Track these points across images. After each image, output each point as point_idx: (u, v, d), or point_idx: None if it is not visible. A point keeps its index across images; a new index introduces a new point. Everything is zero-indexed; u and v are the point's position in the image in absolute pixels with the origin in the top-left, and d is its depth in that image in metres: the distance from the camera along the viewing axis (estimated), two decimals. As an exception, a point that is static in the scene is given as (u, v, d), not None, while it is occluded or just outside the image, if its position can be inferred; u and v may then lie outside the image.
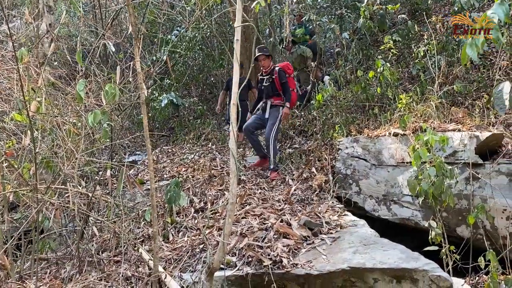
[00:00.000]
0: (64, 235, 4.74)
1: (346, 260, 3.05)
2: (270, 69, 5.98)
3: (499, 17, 1.21)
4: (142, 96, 3.30)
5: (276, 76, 5.90)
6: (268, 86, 5.95)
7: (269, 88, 5.94)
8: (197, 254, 3.51)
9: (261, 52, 5.90)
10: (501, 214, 3.90)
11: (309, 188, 5.17)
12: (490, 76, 5.64)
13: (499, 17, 1.21)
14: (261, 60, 5.92)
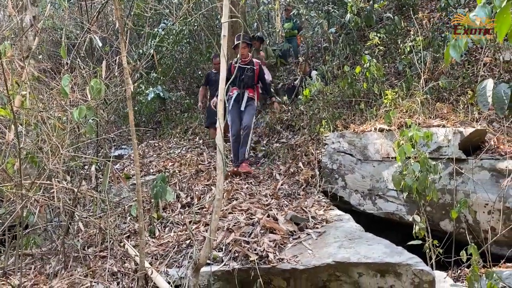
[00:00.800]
0: (49, 230, 4.70)
1: (332, 255, 3.08)
2: (249, 59, 5.91)
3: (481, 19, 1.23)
4: (128, 91, 3.27)
5: (257, 68, 5.87)
6: (250, 76, 5.82)
7: (249, 78, 5.83)
8: (184, 250, 3.52)
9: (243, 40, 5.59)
10: (483, 208, 3.98)
11: (296, 182, 5.21)
12: (475, 72, 5.71)
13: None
14: (241, 48, 5.57)
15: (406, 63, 6.16)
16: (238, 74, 5.68)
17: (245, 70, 5.80)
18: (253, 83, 5.88)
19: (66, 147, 3.84)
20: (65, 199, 4.21)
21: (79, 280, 3.50)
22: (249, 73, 5.81)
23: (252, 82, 5.86)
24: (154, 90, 8.24)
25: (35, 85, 4.79)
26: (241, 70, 5.75)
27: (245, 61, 5.83)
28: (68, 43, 7.87)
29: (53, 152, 3.98)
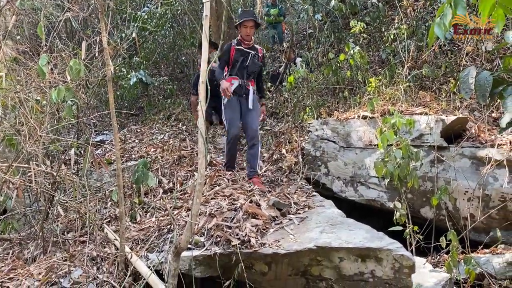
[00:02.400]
0: (28, 215, 4.62)
1: (313, 240, 3.09)
2: (253, 43, 4.77)
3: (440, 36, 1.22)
4: (108, 73, 3.20)
5: (261, 56, 4.79)
6: (256, 64, 4.71)
7: (255, 67, 4.71)
8: (165, 235, 3.48)
9: (251, 17, 4.62)
10: (463, 195, 4.03)
11: (279, 169, 5.20)
12: (457, 61, 5.76)
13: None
14: (249, 27, 4.57)
15: (390, 51, 6.17)
16: (240, 59, 4.62)
17: (251, 56, 4.66)
18: (256, 74, 4.83)
19: (44, 129, 3.74)
20: (44, 183, 4.14)
21: (58, 265, 3.45)
22: (256, 60, 4.70)
23: (257, 71, 4.81)
24: (137, 75, 8.11)
25: (12, 67, 4.67)
26: (245, 55, 4.64)
27: (248, 44, 4.68)
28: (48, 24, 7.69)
29: (31, 135, 3.90)
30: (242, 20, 4.56)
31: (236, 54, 4.61)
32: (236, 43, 4.69)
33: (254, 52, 4.68)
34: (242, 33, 4.62)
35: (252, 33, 4.67)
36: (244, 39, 4.64)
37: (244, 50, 4.64)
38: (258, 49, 4.79)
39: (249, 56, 4.63)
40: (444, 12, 1.30)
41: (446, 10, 1.29)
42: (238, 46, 4.65)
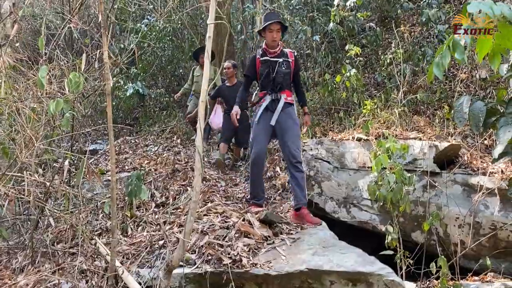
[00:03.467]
0: (17, 224, 4.58)
1: (305, 262, 3.09)
2: (280, 49, 4.21)
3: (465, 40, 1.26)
4: (107, 87, 3.22)
5: (292, 61, 4.23)
6: (285, 73, 4.16)
7: (285, 76, 4.16)
8: (156, 250, 3.47)
9: (277, 19, 4.11)
10: (454, 222, 4.07)
11: (273, 187, 5.22)
12: (452, 87, 5.86)
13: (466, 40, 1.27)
14: (275, 31, 4.05)
15: (386, 75, 6.26)
16: (266, 71, 4.12)
17: (278, 65, 4.14)
18: (288, 83, 4.27)
19: (40, 139, 3.74)
20: (36, 192, 4.11)
21: (47, 277, 3.41)
22: (283, 68, 4.15)
23: (288, 80, 4.24)
24: (134, 86, 8.14)
25: (10, 74, 4.67)
26: (272, 65, 4.13)
27: (275, 52, 4.17)
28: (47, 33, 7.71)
29: (26, 144, 3.89)
30: (266, 24, 4.02)
31: (261, 67, 4.14)
32: (260, 53, 4.19)
33: (282, 59, 4.13)
34: (267, 39, 4.10)
35: (279, 38, 4.14)
36: (269, 46, 4.13)
37: (270, 60, 4.12)
38: (288, 53, 4.22)
39: (275, 66, 4.10)
40: (443, 53, 1.34)
41: (445, 52, 1.33)
42: (263, 57, 4.16)
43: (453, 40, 1.31)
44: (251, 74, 4.29)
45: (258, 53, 4.23)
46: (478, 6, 1.25)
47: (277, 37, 4.07)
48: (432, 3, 6.76)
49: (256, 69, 4.22)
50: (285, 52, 4.21)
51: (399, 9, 7.20)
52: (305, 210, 3.96)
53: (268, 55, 4.15)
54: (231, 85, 6.23)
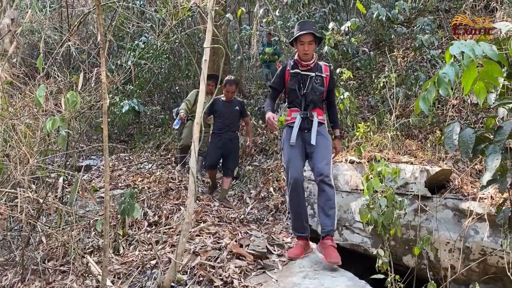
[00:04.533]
0: (8, 239, 4.55)
1: (296, 285, 3.10)
2: (314, 62, 3.70)
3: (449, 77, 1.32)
4: (104, 106, 3.25)
5: (327, 77, 3.72)
6: (318, 89, 3.63)
7: (317, 92, 3.64)
8: (148, 270, 3.46)
9: (309, 30, 3.57)
10: (445, 246, 4.10)
11: (266, 207, 5.24)
12: (444, 112, 5.95)
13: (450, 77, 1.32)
14: (306, 43, 3.56)
15: (379, 98, 6.35)
16: (296, 85, 3.64)
17: (310, 80, 3.64)
18: (322, 100, 3.77)
19: (35, 158, 3.76)
20: (28, 209, 4.10)
21: (36, 295, 3.40)
22: (317, 84, 3.64)
23: (321, 97, 3.71)
24: (129, 103, 8.19)
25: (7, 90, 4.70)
26: (303, 80, 3.65)
27: (308, 65, 3.65)
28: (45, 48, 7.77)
29: (21, 161, 3.89)
30: (298, 35, 3.57)
31: (291, 81, 3.65)
32: (291, 65, 3.72)
33: (315, 73, 3.64)
34: (298, 52, 3.64)
35: (312, 51, 3.62)
36: (301, 59, 3.64)
37: (301, 73, 3.64)
38: (322, 67, 3.73)
39: (307, 81, 3.62)
40: (429, 88, 1.40)
41: (430, 87, 1.39)
42: (293, 69, 3.67)
43: (438, 76, 1.36)
44: (279, 87, 3.77)
45: (289, 64, 3.74)
46: (460, 47, 1.30)
47: (309, 50, 3.57)
48: (425, 28, 6.92)
49: (285, 81, 3.72)
50: (320, 66, 3.72)
51: (393, 33, 7.34)
52: (328, 241, 3.38)
53: (299, 67, 3.65)
54: (227, 101, 5.85)
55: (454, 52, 1.31)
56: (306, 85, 3.61)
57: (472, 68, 1.38)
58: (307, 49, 3.56)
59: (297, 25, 3.67)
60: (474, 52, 1.27)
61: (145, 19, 8.70)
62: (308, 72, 3.63)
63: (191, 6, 3.99)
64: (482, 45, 1.29)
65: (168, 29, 5.48)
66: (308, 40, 3.54)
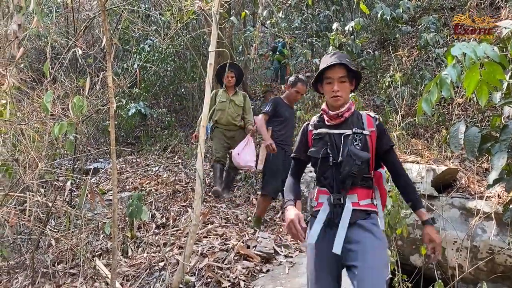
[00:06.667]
0: (18, 243, 4.61)
1: (303, 285, 3.11)
2: (351, 111, 2.31)
3: (451, 78, 1.33)
4: (111, 110, 3.29)
5: (373, 133, 2.29)
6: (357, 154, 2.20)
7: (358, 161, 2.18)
8: (156, 272, 3.50)
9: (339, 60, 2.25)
10: (452, 245, 4.09)
11: (273, 208, 5.25)
12: (450, 110, 5.93)
13: (452, 78, 1.33)
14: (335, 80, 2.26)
15: (385, 98, 6.35)
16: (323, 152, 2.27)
17: (344, 141, 2.26)
18: (367, 173, 2.27)
19: (44, 162, 3.80)
20: (38, 212, 4.15)
21: (47, 298, 3.44)
22: (356, 147, 2.23)
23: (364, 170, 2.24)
24: (136, 106, 8.23)
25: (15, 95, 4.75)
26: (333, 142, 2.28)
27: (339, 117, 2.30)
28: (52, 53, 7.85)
29: (30, 165, 3.94)
30: (322, 69, 2.28)
31: (314, 146, 2.33)
32: (315, 123, 2.40)
33: (351, 130, 2.25)
34: (326, 95, 2.33)
35: (346, 93, 2.28)
36: (330, 107, 2.33)
37: (330, 133, 2.30)
38: (365, 119, 2.32)
39: (340, 144, 2.25)
40: (431, 90, 1.41)
41: (433, 88, 1.40)
42: (318, 128, 2.36)
43: (440, 78, 1.37)
44: (302, 156, 2.44)
45: (312, 122, 2.43)
46: (462, 48, 1.32)
47: (341, 91, 2.24)
48: (430, 27, 6.90)
49: (308, 148, 2.39)
50: (360, 117, 2.33)
51: (397, 33, 7.33)
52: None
53: (327, 122, 2.33)
54: (290, 105, 4.85)
55: (455, 53, 1.33)
56: (340, 149, 2.24)
57: (474, 69, 1.39)
58: (337, 89, 2.24)
59: (324, 57, 2.39)
60: (476, 53, 1.28)
61: (150, 22, 8.75)
62: (340, 129, 2.28)
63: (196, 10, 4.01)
64: (483, 46, 1.30)
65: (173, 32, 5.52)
66: (339, 75, 2.25)
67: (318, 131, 2.34)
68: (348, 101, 2.30)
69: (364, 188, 2.25)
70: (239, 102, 5.55)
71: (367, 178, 2.26)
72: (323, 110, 2.36)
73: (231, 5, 7.72)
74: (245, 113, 5.62)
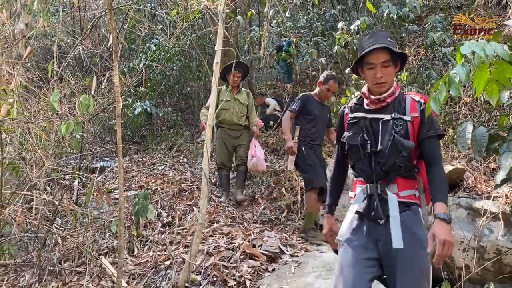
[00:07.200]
0: (25, 241, 4.63)
1: (308, 285, 3.12)
2: (394, 96, 2.11)
3: (460, 77, 1.32)
4: (118, 109, 3.30)
5: (415, 118, 2.06)
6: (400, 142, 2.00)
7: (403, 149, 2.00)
8: (162, 271, 3.51)
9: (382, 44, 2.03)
10: (458, 246, 4.07)
11: (278, 208, 5.25)
12: (457, 110, 5.90)
13: (461, 77, 1.32)
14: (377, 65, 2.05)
15: (391, 97, 6.31)
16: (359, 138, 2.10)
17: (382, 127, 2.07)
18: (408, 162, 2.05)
19: (51, 160, 3.82)
20: (44, 210, 4.18)
21: (53, 296, 3.46)
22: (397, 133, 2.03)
23: (405, 158, 2.02)
24: (142, 105, 8.25)
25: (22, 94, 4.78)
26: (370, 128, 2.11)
27: (380, 102, 2.10)
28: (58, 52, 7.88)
29: (37, 164, 3.97)
30: (363, 53, 2.07)
31: (349, 131, 2.17)
32: (353, 104, 2.25)
33: (390, 114, 2.07)
34: (367, 81, 2.15)
35: (391, 78, 2.08)
36: (372, 91, 2.14)
37: (368, 117, 2.13)
38: (408, 102, 2.10)
39: (378, 130, 2.07)
40: (439, 89, 1.40)
41: (441, 87, 1.39)
42: (354, 112, 2.20)
43: (449, 77, 1.37)
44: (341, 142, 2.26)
45: (349, 105, 2.28)
46: (471, 47, 1.31)
47: (385, 77, 2.05)
48: (437, 26, 6.85)
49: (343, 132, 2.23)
50: (404, 101, 2.11)
51: (404, 32, 7.29)
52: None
53: (366, 106, 2.15)
54: (321, 102, 4.64)
55: (465, 51, 1.31)
56: (378, 136, 2.06)
57: (484, 68, 1.38)
58: (380, 75, 2.04)
59: (363, 39, 2.18)
60: (485, 52, 1.27)
61: (156, 21, 8.76)
62: (379, 113, 2.09)
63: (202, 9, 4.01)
64: (493, 45, 1.29)
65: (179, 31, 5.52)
66: (381, 60, 2.04)
67: (354, 115, 2.17)
68: (392, 85, 2.11)
69: (404, 178, 2.07)
70: (244, 100, 5.49)
71: (409, 168, 2.06)
72: (363, 93, 2.18)
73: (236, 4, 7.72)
74: (249, 111, 5.54)
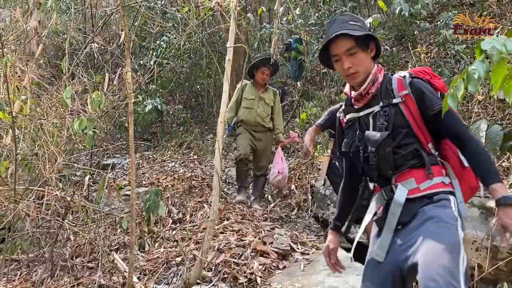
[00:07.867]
0: (37, 236, 4.68)
1: (320, 283, 3.11)
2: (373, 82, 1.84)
3: (479, 73, 1.31)
4: (130, 106, 3.31)
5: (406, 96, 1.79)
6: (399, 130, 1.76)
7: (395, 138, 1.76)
8: (173, 267, 3.52)
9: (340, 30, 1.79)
10: (471, 245, 4.03)
11: (288, 205, 5.24)
12: (469, 108, 5.84)
13: (479, 73, 1.31)
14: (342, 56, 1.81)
15: (403, 95, 6.27)
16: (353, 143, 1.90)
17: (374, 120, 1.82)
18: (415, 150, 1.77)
19: (63, 156, 3.85)
20: (56, 206, 4.21)
21: (66, 291, 3.49)
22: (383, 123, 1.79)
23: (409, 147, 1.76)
24: (152, 103, 8.27)
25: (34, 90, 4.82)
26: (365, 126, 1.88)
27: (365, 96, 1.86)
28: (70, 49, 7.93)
29: (49, 160, 4.00)
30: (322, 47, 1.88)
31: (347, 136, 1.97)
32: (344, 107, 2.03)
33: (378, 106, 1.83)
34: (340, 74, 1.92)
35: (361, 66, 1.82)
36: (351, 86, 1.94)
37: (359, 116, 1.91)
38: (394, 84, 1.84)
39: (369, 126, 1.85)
40: (457, 85, 1.38)
41: (459, 84, 1.37)
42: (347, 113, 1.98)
43: (467, 73, 1.35)
44: None
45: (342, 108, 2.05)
46: (492, 43, 1.29)
47: (355, 66, 1.81)
48: (449, 23, 6.78)
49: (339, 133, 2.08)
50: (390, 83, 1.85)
51: (416, 29, 7.23)
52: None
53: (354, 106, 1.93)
54: None
55: (485, 47, 1.30)
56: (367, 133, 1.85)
57: (503, 65, 1.36)
58: (348, 65, 1.80)
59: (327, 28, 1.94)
60: (506, 47, 1.25)
61: (167, 18, 8.78)
62: (368, 108, 1.87)
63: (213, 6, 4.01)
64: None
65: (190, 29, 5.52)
66: (344, 49, 1.79)
67: (347, 118, 1.94)
68: (370, 71, 1.83)
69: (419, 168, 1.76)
70: (269, 100, 5.10)
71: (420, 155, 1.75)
72: (345, 93, 1.97)
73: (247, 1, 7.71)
74: (275, 113, 5.16)
